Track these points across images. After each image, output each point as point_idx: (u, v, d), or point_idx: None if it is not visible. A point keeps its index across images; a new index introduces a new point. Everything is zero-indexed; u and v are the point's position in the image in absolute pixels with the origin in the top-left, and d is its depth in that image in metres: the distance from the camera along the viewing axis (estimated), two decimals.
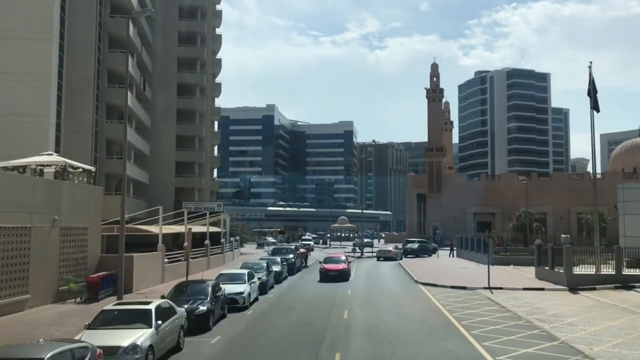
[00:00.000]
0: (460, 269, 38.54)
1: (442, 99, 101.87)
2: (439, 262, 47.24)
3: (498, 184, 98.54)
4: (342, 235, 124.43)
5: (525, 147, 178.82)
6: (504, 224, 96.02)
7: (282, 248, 39.43)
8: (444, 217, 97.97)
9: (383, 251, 53.89)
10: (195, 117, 68.26)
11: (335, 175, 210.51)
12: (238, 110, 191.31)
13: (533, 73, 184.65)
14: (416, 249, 60.34)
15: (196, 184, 67.93)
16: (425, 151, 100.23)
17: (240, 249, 60.36)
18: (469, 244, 50.41)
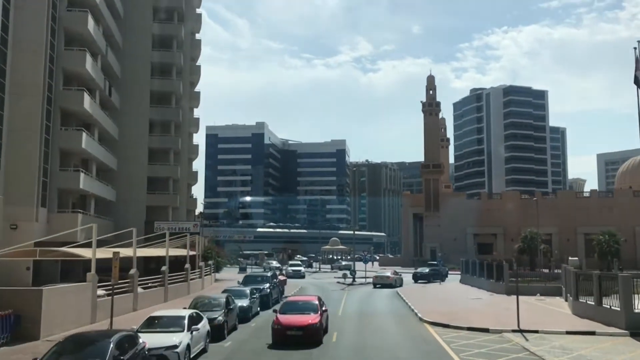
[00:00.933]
0: (471, 301, 32.07)
1: (438, 112, 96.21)
2: (443, 291, 40.78)
3: (499, 203, 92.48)
4: (334, 257, 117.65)
5: (523, 166, 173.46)
6: (506, 245, 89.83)
7: (257, 276, 32.39)
8: (442, 238, 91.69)
9: (380, 277, 46.67)
10: (170, 129, 61.92)
11: (328, 196, 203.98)
12: (227, 129, 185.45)
13: (530, 90, 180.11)
14: (427, 273, 54.21)
15: (170, 202, 61.36)
16: (422, 168, 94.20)
17: (216, 275, 53.70)
18: (476, 269, 43.95)
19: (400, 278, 47.86)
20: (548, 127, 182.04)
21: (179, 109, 62.71)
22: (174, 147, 61.84)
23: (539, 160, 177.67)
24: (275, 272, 36.00)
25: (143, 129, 59.85)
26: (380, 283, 45.45)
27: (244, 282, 31.20)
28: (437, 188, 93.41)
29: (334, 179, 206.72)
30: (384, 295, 37.07)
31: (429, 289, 41.45)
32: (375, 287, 44.24)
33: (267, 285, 30.01)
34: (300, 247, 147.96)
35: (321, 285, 47.00)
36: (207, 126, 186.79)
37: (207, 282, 46.70)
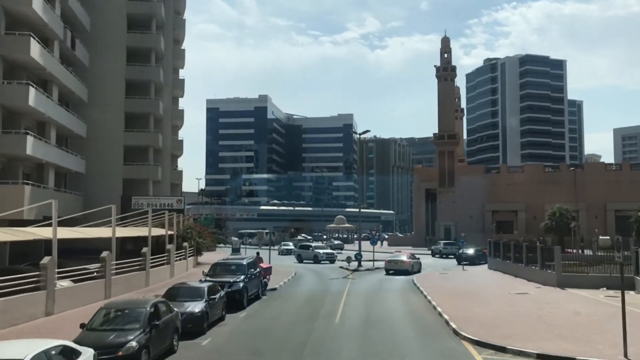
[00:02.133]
0: (517, 298, 23.70)
1: (454, 78, 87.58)
2: (471, 281, 32.10)
3: (520, 177, 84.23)
4: (340, 236, 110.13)
5: (539, 139, 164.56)
6: (528, 223, 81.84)
7: (230, 264, 24.06)
8: (457, 215, 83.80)
9: (394, 262, 38.34)
10: (149, 90, 54.01)
11: (334, 172, 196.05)
12: (228, 102, 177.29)
13: (547, 60, 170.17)
14: (473, 255, 47.71)
15: (151, 175, 53.71)
16: (435, 139, 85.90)
17: (199, 258, 46.20)
18: (510, 252, 35.84)
19: (418, 262, 39.91)
20: (566, 98, 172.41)
21: (160, 67, 54.68)
22: (154, 111, 54.03)
23: (556, 133, 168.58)
24: (256, 258, 27.86)
25: (118, 91, 52.19)
26: (394, 269, 37.32)
27: (211, 272, 23.38)
28: (453, 161, 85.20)
29: (341, 155, 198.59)
30: (397, 288, 29.03)
31: (452, 278, 33.42)
32: (387, 274, 36.88)
33: (241, 277, 22.12)
34: (305, 225, 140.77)
35: (320, 271, 39.54)
36: (207, 99, 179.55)
37: (182, 268, 39.17)
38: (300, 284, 29.93)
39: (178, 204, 52.40)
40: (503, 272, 35.58)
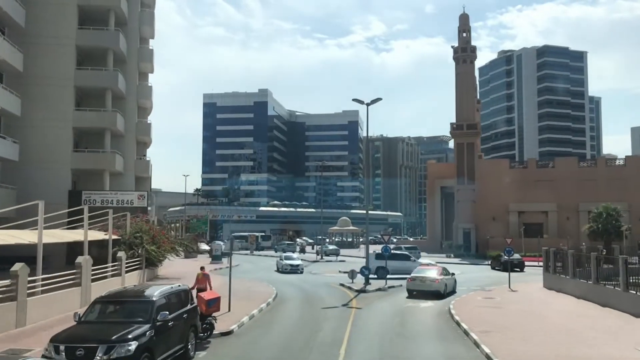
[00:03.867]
0: None
1: (474, 59, 76.74)
2: (538, 312, 21.11)
3: (551, 173, 73.36)
4: (344, 239, 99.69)
5: (558, 136, 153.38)
6: (560, 225, 71.00)
7: (127, 301, 13.16)
8: (477, 217, 73.03)
9: (421, 280, 26.08)
10: (106, 60, 43.60)
11: (339, 172, 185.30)
12: (226, 96, 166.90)
13: (567, 51, 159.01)
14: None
15: (107, 165, 43.33)
16: (453, 129, 75.11)
17: (160, 270, 35.73)
18: (582, 267, 24.93)
19: (452, 279, 28.21)
20: (587, 92, 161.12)
21: (120, 32, 44.21)
22: (111, 85, 43.59)
23: (576, 130, 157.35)
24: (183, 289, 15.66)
25: (66, 60, 42.13)
26: (421, 290, 25.67)
27: (84, 317, 12.17)
28: (473, 154, 74.39)
29: (346, 154, 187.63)
30: (429, 328, 18.15)
31: (505, 305, 22.02)
32: (410, 296, 25.55)
33: (138, 330, 11.11)
34: (308, 227, 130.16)
35: (312, 291, 28.42)
36: (204, 94, 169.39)
37: (135, 281, 28.63)
38: (275, 321, 19.30)
39: (140, 200, 42.03)
40: (575, 295, 24.76)
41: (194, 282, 21.32)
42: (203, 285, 21.02)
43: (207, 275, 21.63)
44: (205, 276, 21.43)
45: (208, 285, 21.14)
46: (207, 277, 21.47)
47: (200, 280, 21.28)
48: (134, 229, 31.63)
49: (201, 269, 22.26)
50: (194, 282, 21.19)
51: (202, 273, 21.63)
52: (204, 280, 21.21)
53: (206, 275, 21.54)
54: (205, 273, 21.73)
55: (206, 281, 21.22)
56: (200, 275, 21.53)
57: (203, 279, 21.31)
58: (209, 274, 22.16)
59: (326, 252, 61.76)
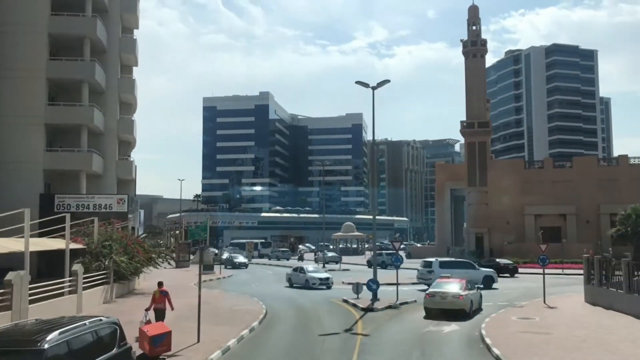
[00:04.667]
0: None
1: (484, 53, 72.21)
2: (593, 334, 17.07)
3: (569, 174, 68.68)
4: (349, 246, 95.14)
5: (569, 137, 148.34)
6: (580, 229, 66.32)
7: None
8: (490, 221, 68.35)
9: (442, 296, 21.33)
10: (82, 49, 39.36)
11: (343, 176, 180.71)
12: (226, 100, 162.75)
13: (577, 49, 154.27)
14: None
15: (84, 165, 39.05)
16: (463, 128, 70.52)
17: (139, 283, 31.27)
18: (629, 277, 20.25)
19: (477, 294, 23.42)
20: (598, 92, 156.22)
21: (97, 19, 39.93)
22: (88, 78, 39.34)
23: (587, 131, 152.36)
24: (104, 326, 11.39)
25: (38, 49, 38.07)
26: (441, 309, 20.95)
27: None
28: (485, 154, 69.75)
29: (350, 158, 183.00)
30: None
31: (553, 330, 17.16)
32: (428, 316, 20.90)
33: None
34: (312, 234, 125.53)
35: (310, 309, 23.88)
36: (204, 97, 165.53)
37: (98, 299, 23.97)
38: (256, 356, 14.78)
39: (120, 204, 37.62)
40: (632, 314, 20.09)
41: (150, 301, 17.01)
42: (160, 305, 16.74)
43: (165, 292, 17.25)
44: (163, 294, 17.08)
45: (168, 305, 16.90)
46: (165, 294, 17.12)
47: (157, 299, 16.95)
48: (103, 237, 27.16)
49: (159, 285, 17.84)
50: (149, 302, 16.89)
51: (160, 290, 17.28)
52: (162, 299, 16.92)
53: (164, 293, 17.17)
54: (163, 290, 17.37)
55: (164, 300, 16.92)
56: (156, 293, 17.25)
57: (161, 298, 17.03)
58: (168, 291, 17.74)
59: (325, 259, 57.16)
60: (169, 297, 17.47)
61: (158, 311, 17.21)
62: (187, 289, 32.03)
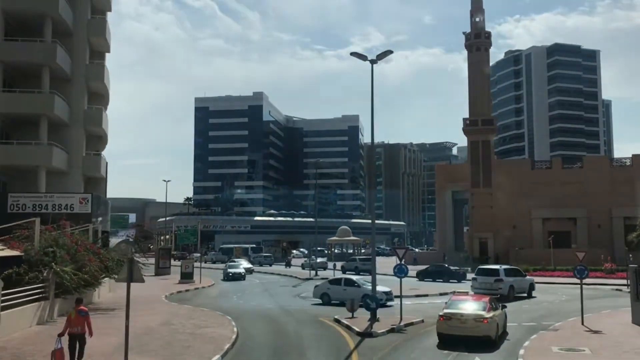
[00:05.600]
0: None
1: (489, 47, 67.99)
2: None
3: (579, 174, 64.40)
4: (344, 251, 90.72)
5: (571, 140, 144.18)
6: (592, 234, 62.04)
7: None
8: (495, 225, 64.04)
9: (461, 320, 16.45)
10: (43, 30, 34.81)
11: (339, 180, 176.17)
12: (219, 100, 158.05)
13: (579, 50, 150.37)
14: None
15: (42, 159, 34.47)
16: (466, 125, 66.26)
17: (98, 295, 26.67)
18: None
19: (503, 315, 18.48)
20: (601, 93, 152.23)
21: None
22: (49, 62, 34.72)
23: (590, 133, 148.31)
24: None
25: None
26: (460, 335, 16.45)
27: None
28: (490, 153, 65.49)
29: (346, 161, 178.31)
30: None
31: None
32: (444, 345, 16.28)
33: None
34: (306, 238, 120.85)
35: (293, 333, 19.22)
36: (196, 98, 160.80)
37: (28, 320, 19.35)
38: None
39: (82, 204, 33.03)
40: None
41: (64, 325, 12.74)
42: (78, 329, 12.49)
43: (84, 312, 12.94)
44: (81, 314, 12.80)
45: (87, 329, 12.63)
46: (84, 315, 12.84)
47: (73, 321, 12.72)
48: (46, 242, 22.57)
49: (77, 302, 13.44)
50: (63, 326, 12.63)
51: (77, 309, 12.94)
52: (80, 321, 12.71)
53: (83, 313, 12.85)
54: (81, 309, 13.04)
55: (84, 323, 12.65)
56: (72, 314, 12.94)
57: (78, 319, 12.74)
58: (88, 311, 13.37)
59: (313, 265, 52.73)
60: (89, 319, 13.16)
61: (74, 337, 12.90)
62: (154, 303, 27.47)
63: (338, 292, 27.86)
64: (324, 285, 29.22)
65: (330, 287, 28.75)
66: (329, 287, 28.78)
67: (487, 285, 30.68)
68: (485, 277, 31.66)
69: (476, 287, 31.58)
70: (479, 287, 31.28)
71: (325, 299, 28.21)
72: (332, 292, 28.33)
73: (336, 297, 27.67)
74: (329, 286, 28.89)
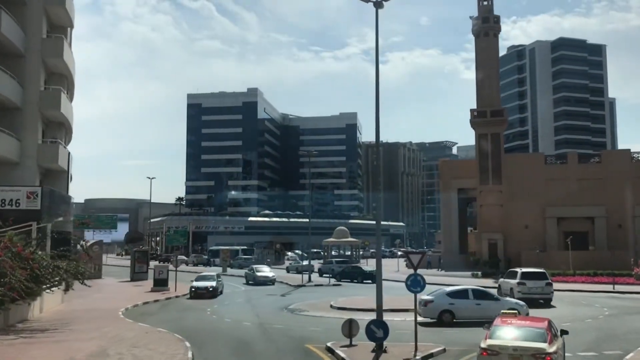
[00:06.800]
0: None
1: (498, 32, 62.93)
2: None
3: (598, 170, 59.19)
4: (341, 252, 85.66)
5: (576, 137, 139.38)
6: (610, 235, 56.96)
7: None
8: (505, 225, 58.90)
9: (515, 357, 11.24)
10: None
11: (336, 179, 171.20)
12: (212, 97, 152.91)
13: (585, 44, 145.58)
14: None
15: None
16: (474, 117, 61.17)
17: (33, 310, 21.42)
18: None
19: (562, 343, 12.91)
20: (607, 89, 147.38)
21: None
22: None
23: (595, 130, 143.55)
24: None
25: None
26: None
27: None
28: (500, 147, 60.38)
29: (344, 160, 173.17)
30: None
31: None
32: None
33: None
34: (303, 239, 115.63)
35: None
36: (188, 94, 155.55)
37: None
38: None
39: (30, 199, 27.75)
40: None
41: None
42: None
43: None
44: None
45: None
46: None
47: None
48: None
49: None
50: None
51: None
52: None
53: None
54: None
55: None
56: None
57: None
58: None
59: (297, 269, 47.65)
60: None
61: None
62: (105, 319, 22.23)
63: (467, 309, 22.05)
64: (443, 300, 22.43)
65: (455, 301, 22.38)
66: (452, 302, 22.29)
67: (538, 290, 27.82)
68: (535, 282, 28.54)
69: (525, 292, 28.20)
70: (528, 292, 28.10)
71: (447, 318, 22.00)
72: (458, 308, 22.24)
73: (465, 315, 21.93)
74: (451, 300, 22.38)
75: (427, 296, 22.30)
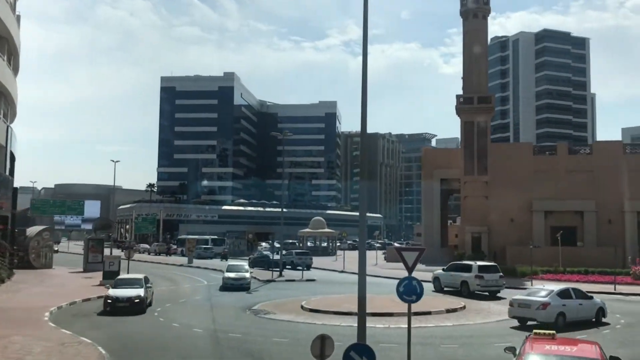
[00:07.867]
0: None
1: (487, 14, 59.61)
2: None
3: (588, 161, 56.44)
4: (318, 244, 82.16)
5: (559, 131, 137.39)
6: (601, 229, 54.29)
7: None
8: (490, 218, 55.82)
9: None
10: None
11: (314, 169, 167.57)
12: (187, 80, 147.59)
13: (569, 37, 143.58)
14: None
15: None
16: (459, 104, 57.81)
17: None
18: None
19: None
20: (590, 83, 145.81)
21: None
22: None
23: (577, 125, 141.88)
24: None
25: None
26: None
27: None
28: (487, 135, 57.15)
29: (322, 149, 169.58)
30: None
31: None
32: None
33: None
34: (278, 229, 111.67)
35: None
36: (162, 77, 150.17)
37: None
38: None
39: None
40: None
41: None
42: None
43: None
44: None
45: None
46: None
47: None
48: None
49: None
50: None
51: None
52: None
53: None
54: None
55: None
56: None
57: None
58: None
59: (256, 259, 44.18)
60: None
61: None
62: (28, 324, 18.12)
63: (573, 309, 20.82)
64: (557, 301, 20.63)
65: (566, 302, 20.83)
66: (564, 304, 20.71)
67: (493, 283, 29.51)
68: (491, 275, 30.05)
69: (483, 285, 30.18)
70: (486, 285, 30.17)
71: (560, 322, 19.96)
72: (569, 309, 20.72)
73: (572, 317, 20.60)
74: (563, 302, 20.79)
75: (540, 297, 20.59)
